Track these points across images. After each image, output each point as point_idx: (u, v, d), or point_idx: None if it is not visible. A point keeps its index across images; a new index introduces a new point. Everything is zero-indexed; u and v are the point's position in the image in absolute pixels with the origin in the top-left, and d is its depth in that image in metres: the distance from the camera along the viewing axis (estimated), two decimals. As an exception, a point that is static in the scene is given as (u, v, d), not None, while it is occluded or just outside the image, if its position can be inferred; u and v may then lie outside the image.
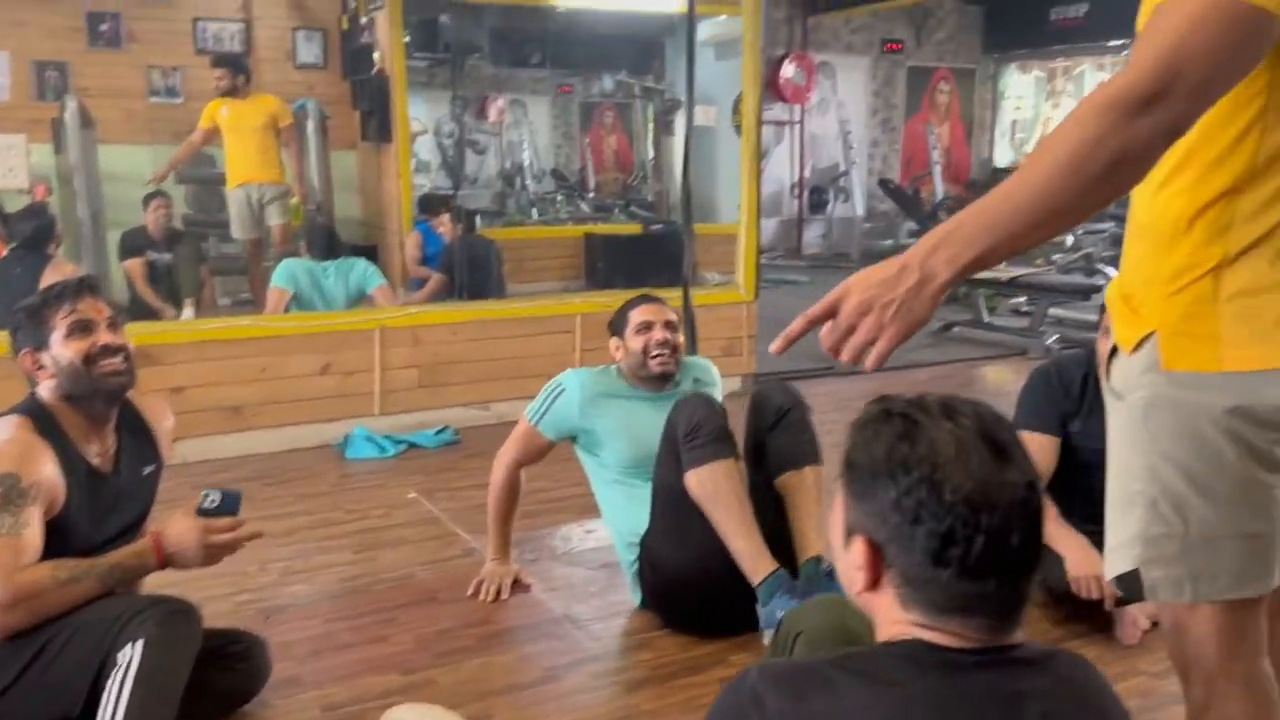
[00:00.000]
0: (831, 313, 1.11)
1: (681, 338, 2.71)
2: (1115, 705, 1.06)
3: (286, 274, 4.81)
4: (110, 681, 1.73)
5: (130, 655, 1.74)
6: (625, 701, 2.24)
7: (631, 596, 2.67)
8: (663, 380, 2.68)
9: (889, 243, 11.32)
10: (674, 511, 2.42)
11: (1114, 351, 1.31)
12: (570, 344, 4.67)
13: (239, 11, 7.13)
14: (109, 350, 1.97)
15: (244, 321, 4.22)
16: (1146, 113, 1.01)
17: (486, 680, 2.29)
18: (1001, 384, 5.59)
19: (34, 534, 1.81)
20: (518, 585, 2.78)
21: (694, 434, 2.36)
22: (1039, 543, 0.96)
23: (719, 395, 2.77)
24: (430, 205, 6.60)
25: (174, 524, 1.92)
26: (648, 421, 2.57)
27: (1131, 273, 1.28)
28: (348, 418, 4.16)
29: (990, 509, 0.92)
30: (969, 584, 0.93)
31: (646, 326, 2.65)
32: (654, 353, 2.64)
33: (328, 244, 5.02)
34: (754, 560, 2.29)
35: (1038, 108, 12.59)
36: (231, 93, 5.90)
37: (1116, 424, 1.31)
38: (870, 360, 1.08)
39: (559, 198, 9.81)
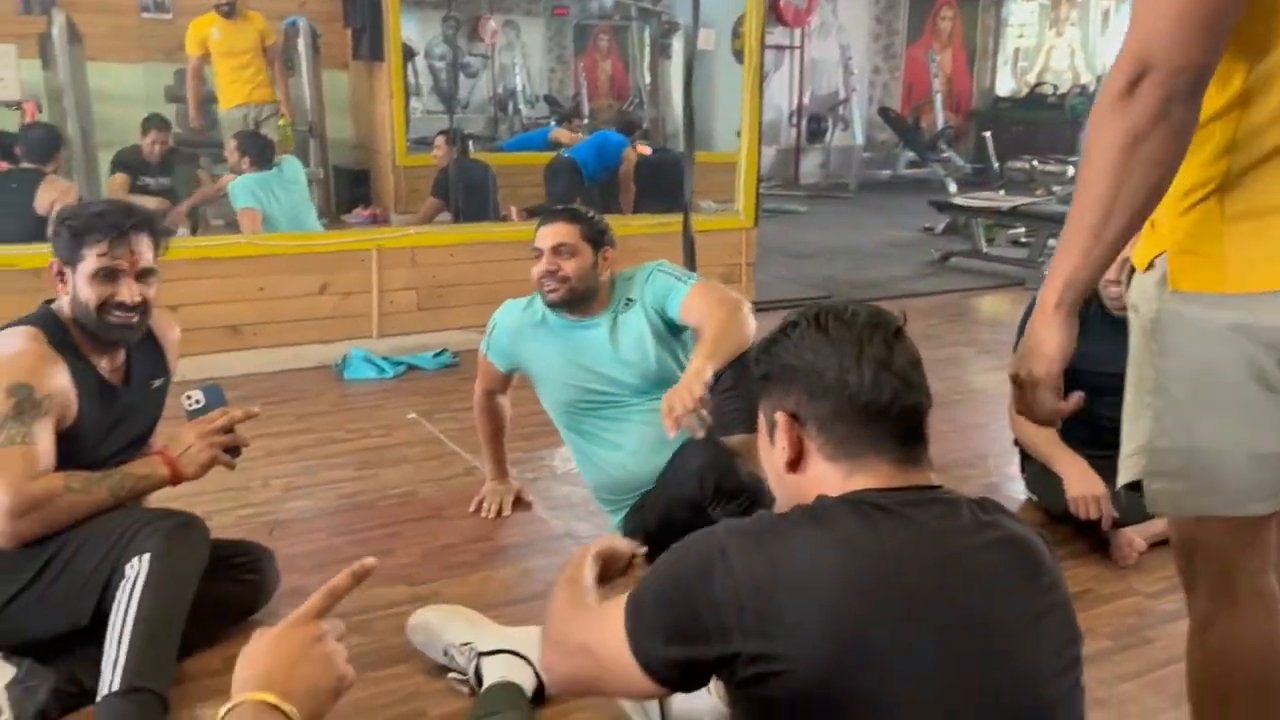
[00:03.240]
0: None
1: (580, 263, 2.43)
2: (1035, 539, 1.13)
3: (246, 193, 4.73)
4: (119, 593, 1.75)
5: (138, 568, 1.76)
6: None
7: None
8: (573, 305, 2.47)
9: (887, 173, 11.26)
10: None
11: (1133, 269, 1.31)
12: (568, 268, 4.65)
13: (230, -75, 6.94)
14: (124, 307, 1.94)
15: (241, 239, 4.18)
16: (1132, 96, 1.10)
17: (489, 593, 2.33)
18: (997, 314, 5.60)
19: (46, 444, 1.81)
20: (518, 503, 2.81)
21: (717, 501, 2.18)
22: (919, 372, 1.13)
23: (647, 292, 2.50)
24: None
25: (173, 436, 1.94)
26: (573, 358, 2.47)
27: None
28: (346, 339, 4.16)
29: (870, 342, 1.11)
30: (867, 402, 1.09)
31: (536, 254, 2.46)
32: (542, 286, 2.46)
33: (261, 150, 4.95)
34: None
35: (1041, 36, 12.41)
36: (228, 13, 5.78)
37: (1133, 337, 1.32)
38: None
39: (553, 123, 9.67)
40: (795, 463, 1.14)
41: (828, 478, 1.12)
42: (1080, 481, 2.47)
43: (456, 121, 7.74)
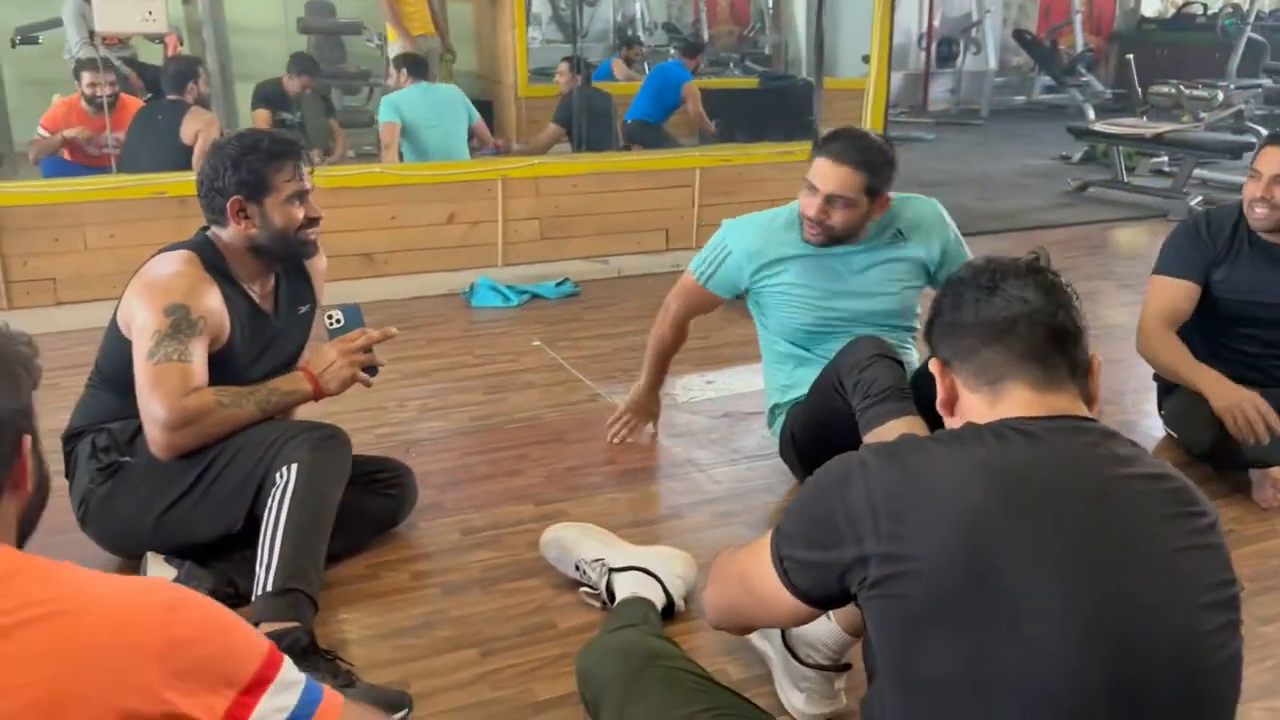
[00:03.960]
0: None
1: (851, 215, 2.28)
2: (1187, 482, 1.11)
3: (390, 107, 4.84)
4: (269, 500, 1.85)
5: (286, 477, 1.85)
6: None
7: (767, 428, 2.65)
8: (828, 245, 2.36)
9: (1021, 99, 10.79)
10: (825, 439, 2.14)
11: None
12: (689, 199, 4.64)
13: None
14: (314, 222, 2.05)
15: (375, 169, 4.30)
16: None
17: (614, 514, 2.38)
18: (1136, 247, 5.35)
19: (200, 363, 1.91)
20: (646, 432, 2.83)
21: (865, 393, 2.10)
22: (1066, 316, 1.14)
23: (930, 247, 2.42)
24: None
25: (315, 352, 2.03)
26: (820, 287, 2.40)
27: None
28: (473, 267, 4.25)
29: (1022, 291, 1.14)
30: (990, 319, 1.14)
31: (809, 190, 2.31)
32: (804, 223, 2.34)
33: (418, 63, 5.04)
34: None
35: (1194, -50, 11.60)
36: None
37: None
38: None
39: (672, 52, 9.54)
40: (949, 404, 1.20)
41: (975, 409, 1.15)
42: (1224, 391, 2.34)
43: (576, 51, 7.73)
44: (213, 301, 1.96)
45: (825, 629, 1.60)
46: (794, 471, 2.54)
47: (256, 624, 1.74)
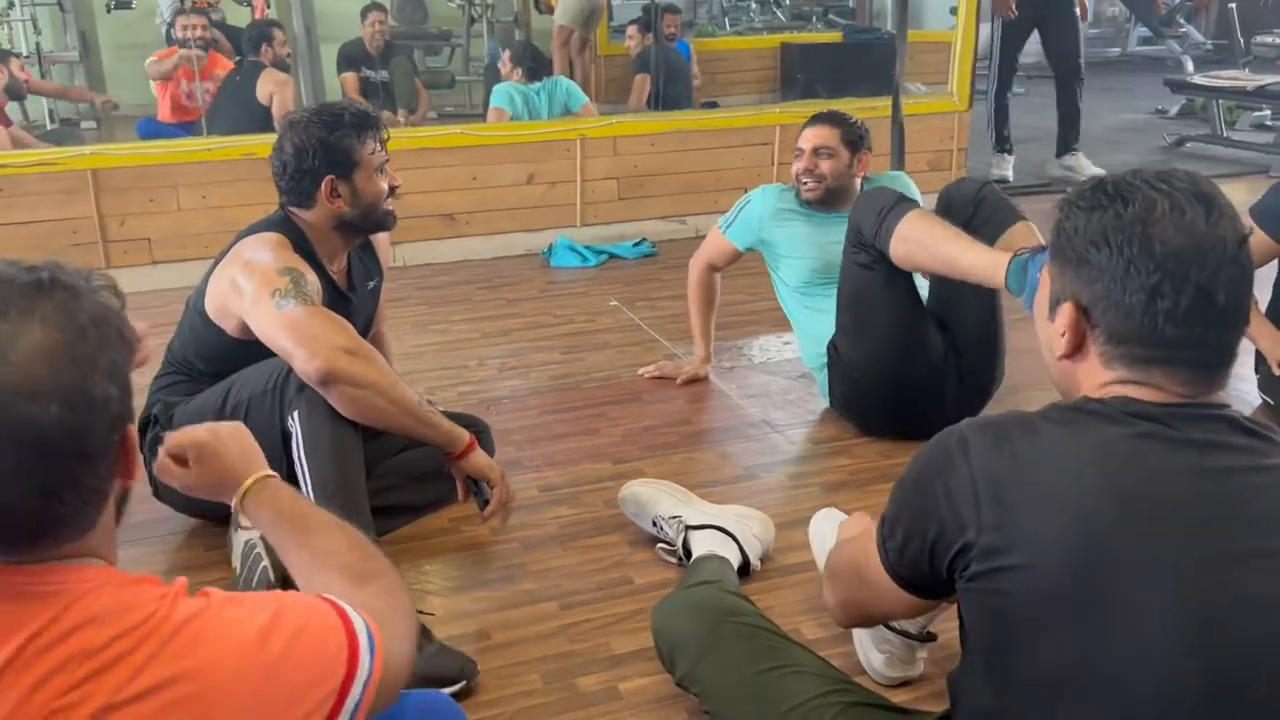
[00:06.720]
0: None
1: (836, 164, 2.67)
2: None
3: (504, 96, 4.82)
4: (294, 454, 1.80)
5: (295, 428, 1.81)
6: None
7: (820, 395, 2.76)
8: (827, 202, 2.70)
9: (1116, 51, 10.38)
10: (855, 309, 2.47)
11: None
12: (768, 156, 4.59)
13: None
14: (394, 191, 2.04)
15: (455, 130, 4.34)
16: None
17: (690, 474, 2.40)
18: (1237, 204, 5.07)
19: None
20: (690, 382, 2.92)
21: (879, 214, 2.32)
22: (1246, 298, 1.00)
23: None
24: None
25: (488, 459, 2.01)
26: (820, 240, 2.68)
27: None
28: (552, 227, 4.28)
29: (1200, 263, 0.96)
30: (1173, 335, 0.97)
31: (798, 153, 2.70)
32: (800, 180, 2.70)
33: (535, 64, 5.00)
34: (990, 263, 2.10)
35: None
36: None
37: None
38: None
39: (753, 6, 9.38)
40: (1070, 355, 1.05)
41: (1101, 378, 1.04)
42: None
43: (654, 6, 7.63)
44: (315, 279, 1.92)
45: None
46: (843, 411, 2.66)
47: None
